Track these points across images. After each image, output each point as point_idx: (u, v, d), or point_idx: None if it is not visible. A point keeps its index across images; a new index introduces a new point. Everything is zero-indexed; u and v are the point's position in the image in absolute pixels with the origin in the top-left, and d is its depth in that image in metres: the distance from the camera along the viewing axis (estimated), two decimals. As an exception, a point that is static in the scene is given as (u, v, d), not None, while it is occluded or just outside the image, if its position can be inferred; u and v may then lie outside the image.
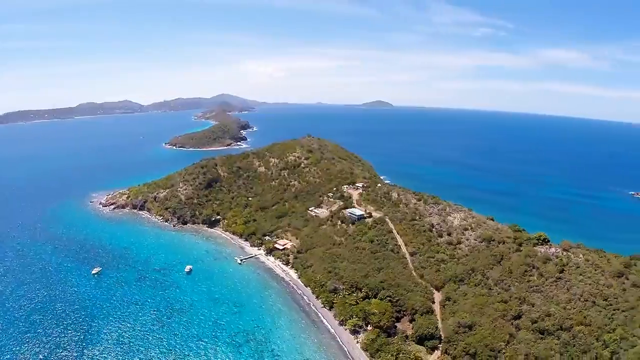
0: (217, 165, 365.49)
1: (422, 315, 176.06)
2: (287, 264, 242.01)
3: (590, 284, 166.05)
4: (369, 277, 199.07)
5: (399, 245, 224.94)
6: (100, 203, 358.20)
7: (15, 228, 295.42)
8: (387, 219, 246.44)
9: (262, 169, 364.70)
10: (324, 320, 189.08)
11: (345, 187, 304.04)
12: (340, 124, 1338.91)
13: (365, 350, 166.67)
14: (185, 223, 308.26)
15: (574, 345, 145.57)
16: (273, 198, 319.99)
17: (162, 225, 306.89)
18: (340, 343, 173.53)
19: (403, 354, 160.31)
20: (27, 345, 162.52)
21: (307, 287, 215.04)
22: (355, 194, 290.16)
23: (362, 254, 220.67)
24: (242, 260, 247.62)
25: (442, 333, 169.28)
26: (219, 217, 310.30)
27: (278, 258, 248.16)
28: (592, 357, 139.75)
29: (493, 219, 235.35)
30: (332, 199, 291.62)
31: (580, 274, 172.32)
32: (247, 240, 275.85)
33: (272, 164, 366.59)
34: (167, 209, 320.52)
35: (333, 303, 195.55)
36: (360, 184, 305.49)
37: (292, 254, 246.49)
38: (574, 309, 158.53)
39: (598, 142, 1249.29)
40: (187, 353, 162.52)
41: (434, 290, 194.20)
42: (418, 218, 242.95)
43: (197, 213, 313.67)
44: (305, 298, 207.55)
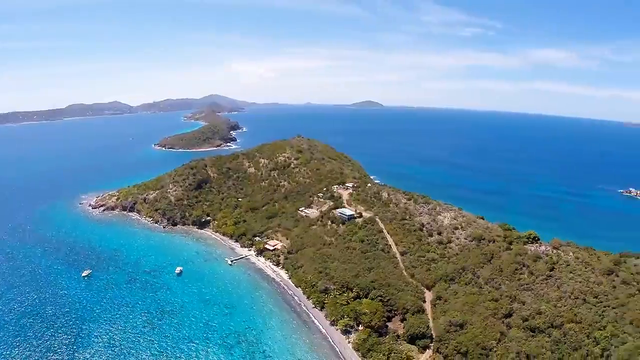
0: (206, 166, 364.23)
1: (413, 315, 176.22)
2: (277, 265, 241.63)
3: (581, 282, 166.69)
4: (360, 277, 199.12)
5: (390, 245, 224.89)
6: (90, 205, 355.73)
7: (4, 230, 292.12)
8: (377, 219, 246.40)
9: (252, 170, 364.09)
10: (315, 321, 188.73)
11: (335, 187, 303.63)
12: (330, 124, 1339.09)
13: (357, 350, 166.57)
14: (175, 224, 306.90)
15: (565, 343, 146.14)
16: (263, 199, 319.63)
17: (152, 227, 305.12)
18: (332, 343, 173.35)
19: (395, 354, 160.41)
20: (17, 350, 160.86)
21: (298, 287, 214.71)
22: (345, 194, 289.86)
23: (352, 254, 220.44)
24: (232, 261, 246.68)
25: (433, 332, 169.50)
26: (209, 218, 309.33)
27: (268, 259, 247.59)
28: (583, 354, 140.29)
29: (483, 218, 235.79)
30: (322, 199, 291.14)
31: (571, 272, 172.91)
32: (237, 241, 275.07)
33: (261, 165, 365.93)
34: (157, 211, 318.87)
35: (324, 303, 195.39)
36: (350, 184, 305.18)
37: (282, 255, 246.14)
38: (565, 307, 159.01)
39: (588, 141, 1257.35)
40: (178, 355, 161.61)
41: (425, 290, 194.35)
42: (408, 217, 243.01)
43: (187, 214, 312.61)
44: (296, 298, 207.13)
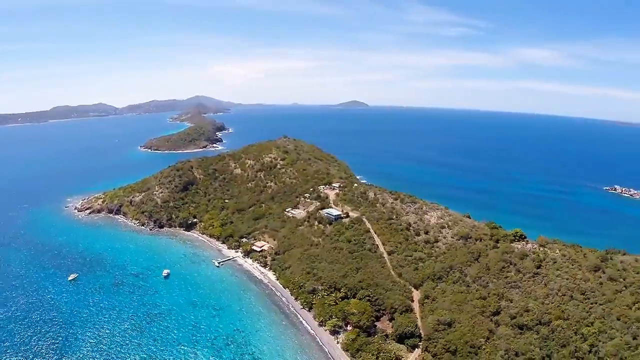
0: (192, 168, 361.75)
1: (401, 314, 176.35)
2: (265, 266, 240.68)
3: (568, 279, 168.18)
4: (348, 277, 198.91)
5: (377, 245, 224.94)
6: (76, 208, 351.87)
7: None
8: (364, 219, 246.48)
9: (238, 171, 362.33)
10: (304, 322, 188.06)
11: (322, 187, 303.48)
12: (316, 125, 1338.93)
13: (346, 351, 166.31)
14: (162, 226, 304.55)
15: (553, 340, 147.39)
16: (250, 200, 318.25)
17: (138, 229, 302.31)
18: (321, 344, 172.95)
19: (384, 353, 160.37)
20: (4, 355, 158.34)
21: (285, 288, 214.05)
22: (332, 194, 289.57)
23: (340, 254, 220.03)
24: (219, 263, 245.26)
25: (422, 331, 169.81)
26: (196, 220, 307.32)
27: (256, 260, 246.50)
28: (571, 350, 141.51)
29: (470, 217, 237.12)
30: (308, 200, 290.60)
31: (557, 269, 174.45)
32: (224, 243, 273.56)
33: (248, 166, 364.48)
34: (143, 213, 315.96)
35: (312, 304, 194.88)
36: (337, 184, 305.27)
37: (269, 256, 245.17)
38: (552, 304, 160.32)
39: (575, 140, 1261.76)
40: (167, 358, 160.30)
41: (413, 289, 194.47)
42: (395, 217, 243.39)
43: (173, 216, 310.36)
44: (284, 300, 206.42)
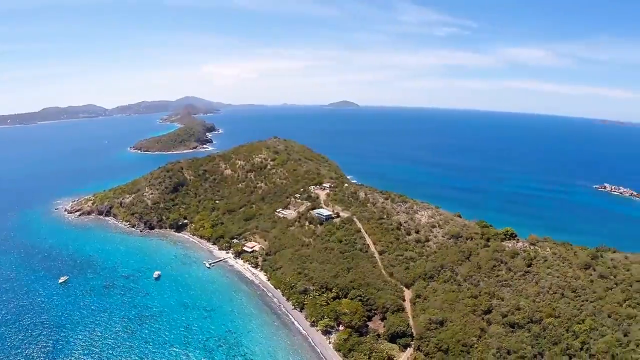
0: (183, 169, 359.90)
1: (393, 314, 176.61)
2: (256, 267, 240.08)
3: (558, 277, 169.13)
4: (339, 277, 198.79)
5: (368, 245, 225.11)
6: (65, 210, 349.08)
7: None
8: (355, 219, 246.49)
9: (228, 172, 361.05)
10: (296, 322, 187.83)
11: (313, 187, 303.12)
12: (307, 124, 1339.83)
13: (338, 351, 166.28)
14: (152, 228, 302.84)
15: (545, 337, 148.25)
16: (240, 200, 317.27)
17: (128, 231, 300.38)
18: (313, 344, 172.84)
19: (376, 353, 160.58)
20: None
21: (277, 289, 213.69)
22: (323, 195, 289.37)
23: (331, 254, 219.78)
24: (210, 264, 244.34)
25: (413, 330, 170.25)
26: (186, 221, 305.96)
27: (247, 261, 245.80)
28: (562, 348, 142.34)
29: (460, 216, 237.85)
30: (299, 200, 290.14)
31: (548, 267, 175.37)
32: (215, 244, 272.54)
33: (238, 167, 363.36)
34: (133, 214, 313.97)
35: (304, 304, 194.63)
36: (328, 184, 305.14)
37: (260, 257, 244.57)
38: (543, 302, 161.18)
39: (566, 139, 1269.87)
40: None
41: (404, 288, 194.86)
42: (386, 217, 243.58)
43: (164, 218, 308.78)
44: (276, 300, 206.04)
